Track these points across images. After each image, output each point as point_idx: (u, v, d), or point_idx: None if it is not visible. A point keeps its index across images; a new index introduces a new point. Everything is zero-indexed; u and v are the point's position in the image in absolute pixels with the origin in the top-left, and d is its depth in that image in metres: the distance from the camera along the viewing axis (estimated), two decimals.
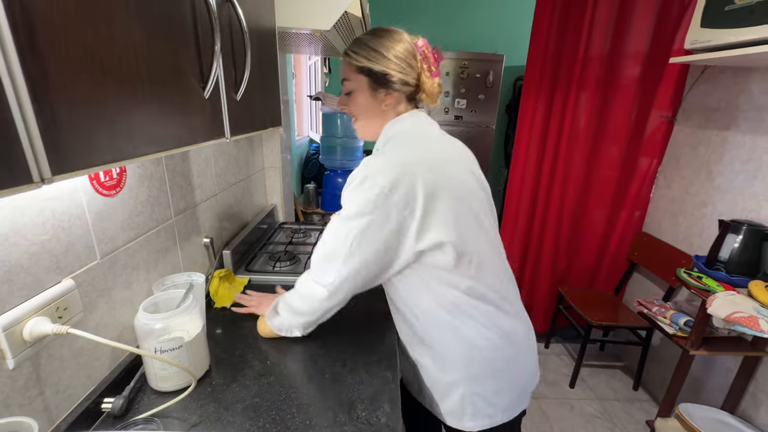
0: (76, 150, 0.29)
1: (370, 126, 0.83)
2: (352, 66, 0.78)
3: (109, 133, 0.33)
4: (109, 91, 0.32)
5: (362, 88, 0.79)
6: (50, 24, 0.26)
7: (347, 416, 0.70)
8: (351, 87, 0.80)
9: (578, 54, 1.82)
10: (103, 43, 0.32)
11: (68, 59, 0.28)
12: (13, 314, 0.52)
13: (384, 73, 0.76)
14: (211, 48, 0.49)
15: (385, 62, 0.75)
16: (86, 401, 0.66)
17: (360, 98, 0.80)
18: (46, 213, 0.58)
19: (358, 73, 0.78)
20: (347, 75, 0.80)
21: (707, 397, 1.60)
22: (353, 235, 0.71)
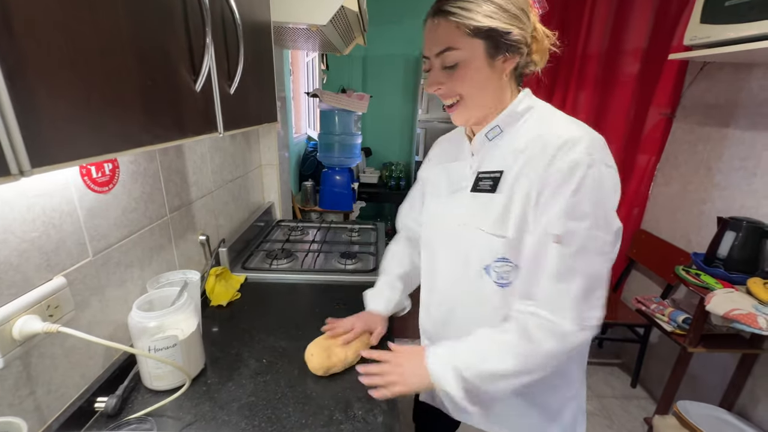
0: (57, 141, 0.28)
1: (484, 105, 0.64)
2: (462, 28, 0.58)
3: (93, 124, 0.32)
4: (92, 81, 0.31)
5: (477, 57, 0.59)
6: (27, 6, 0.25)
7: (344, 415, 0.69)
8: (459, 57, 0.60)
9: (577, 51, 1.82)
10: (85, 30, 0.31)
11: (48, 44, 0.27)
12: (2, 313, 0.51)
13: (507, 32, 0.58)
14: (203, 40, 0.48)
15: (506, 16, 0.58)
16: (79, 400, 0.65)
17: (475, 70, 0.60)
18: (36, 209, 0.57)
19: (474, 36, 0.58)
20: (453, 41, 0.59)
21: (705, 394, 1.60)
22: (609, 241, 0.58)
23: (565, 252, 0.56)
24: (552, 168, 0.57)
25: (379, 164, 3.52)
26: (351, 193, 2.47)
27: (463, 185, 0.72)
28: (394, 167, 3.21)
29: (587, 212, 0.56)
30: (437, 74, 0.63)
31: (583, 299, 0.57)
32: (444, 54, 0.61)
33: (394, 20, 3.24)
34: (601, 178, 0.56)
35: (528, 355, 0.59)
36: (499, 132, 0.66)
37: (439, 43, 0.61)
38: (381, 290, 0.91)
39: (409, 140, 3.55)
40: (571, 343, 0.58)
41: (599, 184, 0.56)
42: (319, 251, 1.35)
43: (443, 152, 0.83)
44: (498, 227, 0.63)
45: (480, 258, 0.67)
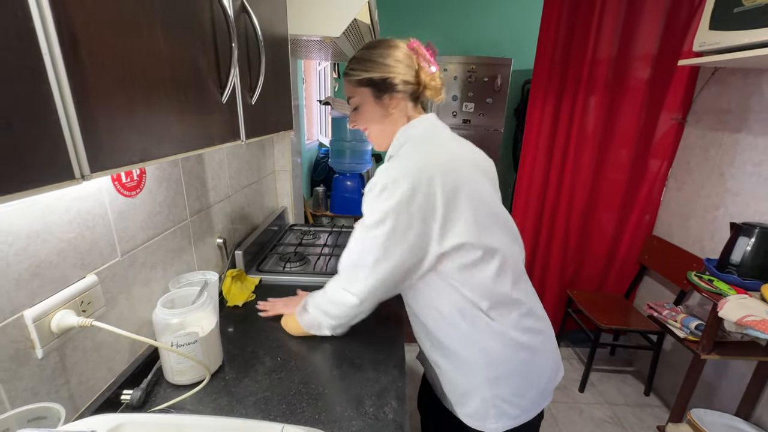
0: (110, 150, 0.32)
1: (383, 134, 0.84)
2: (353, 81, 0.81)
3: (138, 134, 0.35)
4: (138, 96, 0.35)
5: (367, 100, 0.81)
6: (90, 36, 0.29)
7: (355, 411, 0.72)
8: (357, 102, 0.83)
9: (586, 57, 1.83)
10: (134, 52, 0.35)
11: (105, 67, 0.31)
12: (43, 306, 0.56)
13: (383, 78, 0.78)
14: (229, 56, 0.52)
15: (382, 68, 0.78)
16: (107, 392, 0.69)
17: (367, 109, 0.82)
18: (72, 212, 0.61)
19: (360, 86, 0.80)
20: (351, 92, 0.83)
21: (720, 402, 1.58)
22: (378, 243, 0.73)
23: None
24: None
25: None
26: (361, 198, 2.50)
27: None
28: None
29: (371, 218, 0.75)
30: (351, 115, 0.86)
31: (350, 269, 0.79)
32: (349, 101, 0.85)
33: (403, 30, 3.29)
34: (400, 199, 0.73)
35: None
36: (391, 155, 0.84)
37: (346, 94, 0.85)
38: None
39: None
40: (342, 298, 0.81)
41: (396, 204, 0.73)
42: (331, 255, 1.39)
43: None
44: None
45: None
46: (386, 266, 0.74)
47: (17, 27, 0.24)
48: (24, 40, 0.25)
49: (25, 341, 0.54)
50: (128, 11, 0.34)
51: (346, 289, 0.80)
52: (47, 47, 0.26)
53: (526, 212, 2.14)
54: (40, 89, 0.26)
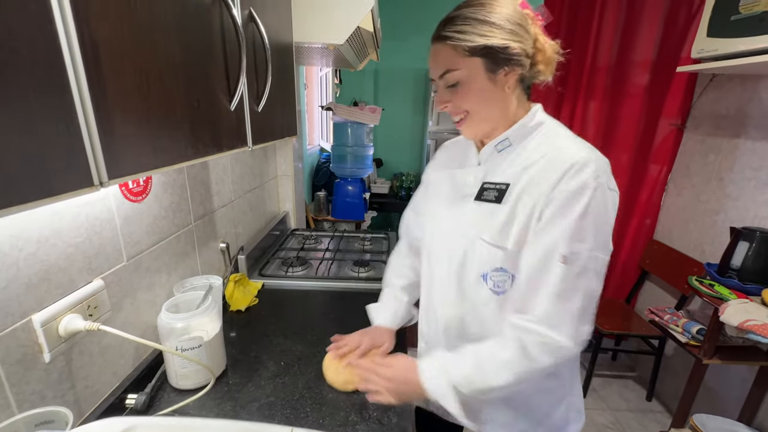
0: (127, 157, 0.33)
1: (490, 118, 0.67)
2: (460, 49, 0.61)
3: (153, 141, 0.36)
4: (154, 105, 0.36)
5: (477, 74, 0.63)
6: (110, 49, 0.30)
7: (359, 416, 0.72)
8: (460, 76, 0.63)
9: (585, 63, 1.85)
10: (150, 63, 0.36)
11: (124, 77, 0.32)
12: (51, 311, 0.56)
13: (504, 47, 0.61)
14: (238, 65, 0.53)
15: (502, 33, 0.61)
16: (112, 396, 0.69)
17: (476, 87, 0.64)
18: (80, 217, 0.62)
19: (471, 55, 0.61)
20: (452, 63, 0.63)
21: (723, 407, 1.57)
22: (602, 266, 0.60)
23: (569, 272, 0.58)
24: (559, 188, 0.59)
25: (389, 175, 3.57)
26: (363, 202, 2.52)
27: (466, 193, 0.73)
28: (404, 178, 3.25)
29: (591, 234, 0.58)
30: (443, 93, 0.67)
31: (579, 317, 0.60)
32: (445, 76, 0.64)
33: (405, 36, 3.33)
34: (605, 201, 0.58)
35: (525, 371, 0.62)
36: (508, 145, 0.68)
37: (439, 66, 0.65)
38: (386, 304, 0.91)
39: (419, 151, 3.60)
40: (563, 357, 0.61)
41: (603, 207, 0.58)
42: (333, 259, 1.39)
43: (449, 157, 0.84)
44: (499, 238, 0.65)
45: (479, 266, 0.69)
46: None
47: (44, 41, 0.25)
48: (50, 54, 0.26)
49: (33, 345, 0.55)
50: (146, 24, 0.35)
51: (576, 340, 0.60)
52: (71, 60, 0.27)
53: None
54: (63, 100, 0.27)
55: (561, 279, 0.59)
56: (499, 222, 0.66)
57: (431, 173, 0.87)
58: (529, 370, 0.61)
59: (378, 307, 0.92)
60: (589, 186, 0.57)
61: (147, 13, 0.34)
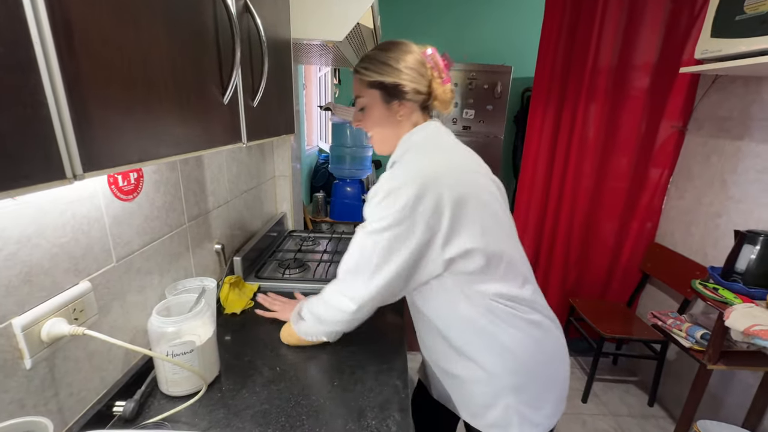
0: (105, 148, 0.30)
1: (386, 139, 0.83)
2: (364, 82, 0.79)
3: (135, 133, 0.34)
4: (136, 94, 0.34)
5: (376, 102, 0.80)
6: (85, 28, 0.28)
7: (357, 424, 0.69)
8: (364, 102, 0.81)
9: (587, 65, 1.83)
10: (132, 48, 0.33)
11: (101, 60, 0.29)
12: (32, 314, 0.53)
13: (396, 84, 0.77)
14: (232, 56, 0.50)
15: (396, 74, 0.77)
16: (98, 404, 0.66)
17: (374, 112, 0.81)
18: (66, 215, 0.59)
19: (370, 87, 0.79)
20: (360, 91, 0.81)
21: (727, 413, 1.55)
22: (380, 248, 0.71)
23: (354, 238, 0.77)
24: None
25: None
26: (361, 204, 2.49)
27: None
28: None
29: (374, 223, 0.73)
30: (356, 114, 0.85)
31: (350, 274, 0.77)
32: (357, 100, 0.83)
33: (404, 37, 3.30)
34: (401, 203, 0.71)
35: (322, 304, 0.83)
36: (393, 162, 0.82)
37: (354, 92, 0.83)
38: None
39: None
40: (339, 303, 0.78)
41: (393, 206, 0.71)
42: (331, 261, 1.36)
43: None
44: None
45: None
46: (387, 271, 0.72)
47: (8, 13, 0.23)
48: (14, 28, 0.23)
49: (13, 351, 0.52)
50: (129, 7, 0.33)
51: (344, 294, 0.77)
52: (38, 37, 0.24)
53: (527, 220, 2.13)
54: (29, 81, 0.24)
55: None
56: None
57: None
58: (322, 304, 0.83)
59: None
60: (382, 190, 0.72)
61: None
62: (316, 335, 0.87)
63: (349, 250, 0.77)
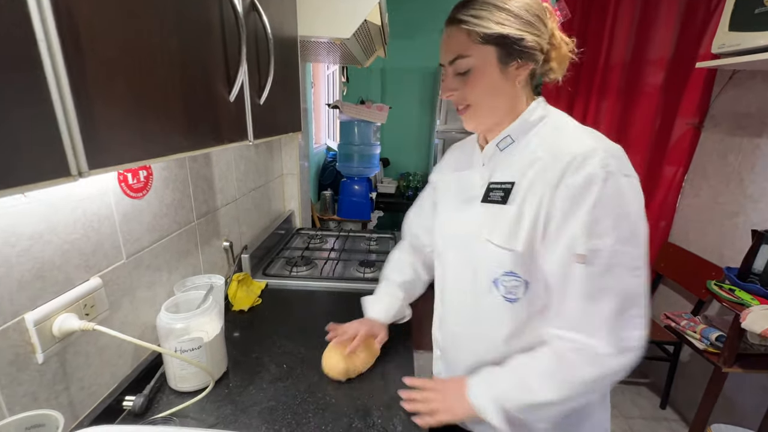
0: (110, 146, 0.30)
1: (495, 113, 0.64)
2: (474, 35, 0.58)
3: (140, 131, 0.34)
4: (142, 91, 0.34)
5: (489, 63, 0.59)
6: (90, 26, 0.28)
7: (363, 422, 0.69)
8: (470, 64, 0.60)
9: (599, 61, 1.80)
10: (137, 46, 0.33)
11: (106, 59, 0.29)
12: (44, 310, 0.54)
13: (520, 38, 0.58)
14: (238, 54, 0.50)
15: (518, 23, 0.58)
16: (109, 398, 0.67)
17: (486, 77, 0.60)
18: (77, 213, 0.60)
19: (484, 43, 0.58)
20: (464, 50, 0.60)
21: (742, 418, 1.51)
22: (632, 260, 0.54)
23: (591, 271, 0.54)
24: (564, 183, 0.55)
25: (396, 174, 3.55)
26: (369, 202, 2.49)
27: (473, 195, 0.70)
28: (411, 177, 3.22)
29: (610, 228, 0.53)
30: (450, 81, 0.64)
31: (616, 319, 0.54)
32: (456, 62, 0.61)
33: (412, 34, 3.30)
34: (620, 190, 0.53)
35: (566, 381, 0.57)
36: (511, 142, 0.65)
37: (451, 51, 0.61)
38: (381, 298, 0.90)
39: (426, 151, 3.57)
40: (609, 367, 0.56)
41: (619, 196, 0.53)
42: (338, 259, 1.37)
43: (455, 160, 0.81)
44: (507, 240, 0.61)
45: (488, 271, 0.65)
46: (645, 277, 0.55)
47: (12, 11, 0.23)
48: (19, 27, 0.23)
49: (26, 345, 0.53)
50: (135, 5, 0.33)
51: (619, 346, 0.55)
52: (44, 34, 0.24)
53: None
54: (35, 79, 0.24)
55: (583, 281, 0.54)
56: (506, 223, 0.62)
57: (438, 176, 0.85)
58: (570, 378, 0.57)
59: (373, 299, 0.91)
60: (597, 176, 0.52)
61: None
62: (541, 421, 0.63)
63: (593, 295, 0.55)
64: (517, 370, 0.63)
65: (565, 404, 0.58)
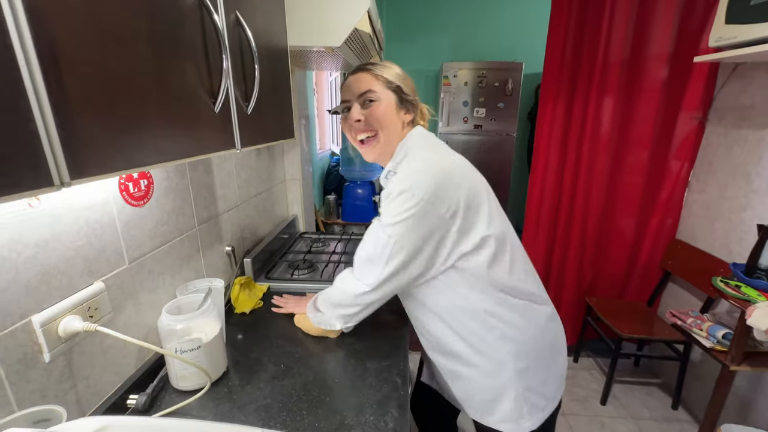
0: (92, 158, 0.33)
1: (388, 143, 0.84)
2: (382, 81, 0.81)
3: (122, 143, 0.37)
4: (121, 106, 0.37)
5: (390, 104, 0.82)
6: (69, 49, 0.31)
7: (355, 420, 0.71)
8: (377, 98, 0.81)
9: (597, 58, 1.79)
10: (115, 60, 0.36)
11: (85, 78, 0.32)
12: (50, 312, 0.58)
13: (407, 93, 0.84)
14: (221, 66, 0.53)
15: (406, 86, 0.84)
16: (113, 396, 0.71)
17: (387, 112, 0.82)
18: (80, 221, 0.64)
19: (387, 88, 0.82)
20: (373, 87, 0.81)
21: (755, 417, 1.47)
22: (393, 241, 0.74)
23: (373, 227, 0.80)
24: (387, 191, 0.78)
25: None
26: (372, 205, 2.52)
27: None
28: None
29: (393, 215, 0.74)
30: (357, 112, 0.83)
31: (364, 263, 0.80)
32: (366, 94, 0.81)
33: (412, 37, 3.33)
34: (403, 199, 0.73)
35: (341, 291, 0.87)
36: (394, 173, 0.82)
37: (362, 87, 0.82)
38: None
39: None
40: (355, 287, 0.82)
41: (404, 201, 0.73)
42: (339, 262, 1.39)
43: None
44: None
45: None
46: (399, 262, 0.75)
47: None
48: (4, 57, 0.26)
49: (33, 345, 0.57)
50: (113, 25, 0.36)
51: (357, 278, 0.82)
52: (24, 58, 0.27)
53: (539, 217, 2.09)
54: (17, 98, 0.27)
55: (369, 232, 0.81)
56: None
57: None
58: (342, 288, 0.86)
59: None
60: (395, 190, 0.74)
61: (114, 15, 0.35)
62: (329, 322, 0.91)
63: (365, 241, 0.81)
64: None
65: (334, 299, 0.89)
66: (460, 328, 0.80)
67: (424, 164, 0.76)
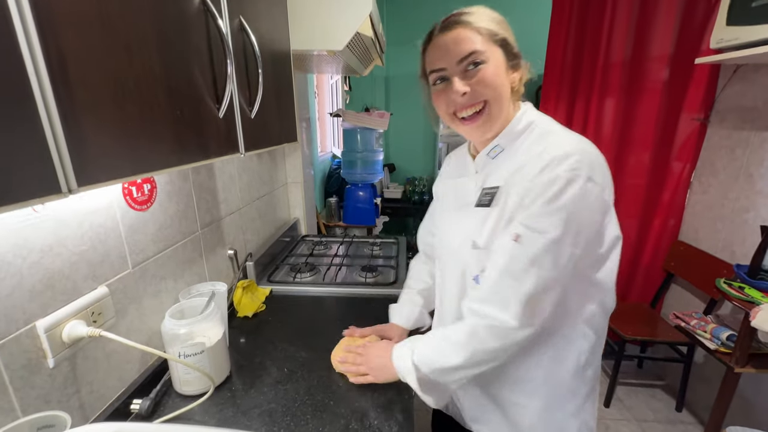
0: (99, 165, 0.33)
1: (499, 114, 0.64)
2: (486, 34, 0.60)
3: (128, 150, 0.37)
4: (128, 113, 0.37)
5: (498, 62, 0.61)
6: (77, 56, 0.31)
7: (359, 424, 0.70)
8: (484, 58, 0.60)
9: (598, 59, 1.79)
10: (124, 71, 0.37)
11: (93, 86, 0.33)
12: (54, 317, 0.58)
13: (513, 47, 0.63)
14: (225, 72, 0.54)
15: (510, 36, 0.63)
16: (117, 401, 0.71)
17: (497, 74, 0.61)
18: (84, 226, 0.64)
19: (493, 44, 0.61)
20: (478, 46, 0.60)
21: (760, 419, 1.46)
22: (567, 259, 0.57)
23: (522, 252, 0.57)
24: (533, 181, 0.58)
25: (402, 180, 3.56)
26: (374, 207, 2.51)
27: (468, 201, 0.73)
28: (417, 182, 3.24)
29: (559, 223, 0.56)
30: (461, 83, 0.62)
31: (530, 299, 0.58)
32: (471, 56, 0.60)
33: (414, 40, 3.33)
34: (582, 192, 0.56)
35: (476, 350, 0.63)
36: (500, 151, 0.68)
37: (465, 48, 0.60)
38: (402, 305, 0.97)
39: (432, 156, 3.58)
40: (513, 340, 0.61)
41: (579, 198, 0.56)
42: (341, 265, 1.39)
43: (453, 167, 0.85)
44: (488, 241, 0.65)
45: (472, 270, 0.69)
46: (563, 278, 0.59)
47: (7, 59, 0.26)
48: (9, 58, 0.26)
49: (37, 351, 0.57)
50: (121, 34, 0.36)
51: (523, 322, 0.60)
52: (33, 68, 0.27)
53: None
54: (26, 108, 0.27)
55: (510, 256, 0.58)
56: (489, 225, 0.65)
57: (439, 185, 0.90)
58: (480, 348, 0.63)
59: (396, 307, 0.98)
60: (561, 178, 0.55)
61: (122, 24, 0.35)
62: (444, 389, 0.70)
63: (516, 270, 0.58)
64: (436, 338, 0.70)
65: (473, 369, 0.65)
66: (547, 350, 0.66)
67: (575, 135, 0.62)
